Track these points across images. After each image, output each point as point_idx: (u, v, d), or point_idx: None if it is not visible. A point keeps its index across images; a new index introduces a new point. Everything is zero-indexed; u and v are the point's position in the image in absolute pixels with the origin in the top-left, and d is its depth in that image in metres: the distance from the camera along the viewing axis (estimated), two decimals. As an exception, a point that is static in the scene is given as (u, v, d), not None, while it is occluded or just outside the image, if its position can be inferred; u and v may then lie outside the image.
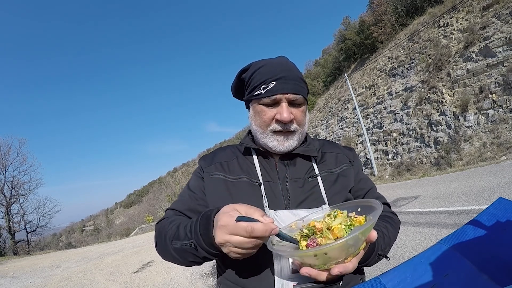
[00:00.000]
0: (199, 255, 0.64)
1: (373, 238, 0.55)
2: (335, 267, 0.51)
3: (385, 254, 0.71)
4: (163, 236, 0.72)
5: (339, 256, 0.51)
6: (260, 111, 0.76)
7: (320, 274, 0.53)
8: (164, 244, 0.71)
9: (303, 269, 0.54)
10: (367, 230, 0.51)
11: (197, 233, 0.62)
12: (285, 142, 0.76)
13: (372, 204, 0.58)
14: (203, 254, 0.63)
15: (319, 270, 0.53)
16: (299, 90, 0.76)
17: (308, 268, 0.54)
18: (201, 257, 0.65)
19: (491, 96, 10.75)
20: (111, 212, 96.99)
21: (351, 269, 0.53)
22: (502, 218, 0.56)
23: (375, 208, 0.55)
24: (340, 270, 0.51)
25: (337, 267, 0.51)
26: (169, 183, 69.44)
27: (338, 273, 0.51)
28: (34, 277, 7.58)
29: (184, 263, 0.71)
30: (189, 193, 0.82)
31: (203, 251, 0.62)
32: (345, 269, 0.52)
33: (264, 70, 0.76)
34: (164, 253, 0.73)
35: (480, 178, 6.92)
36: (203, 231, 0.61)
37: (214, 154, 0.88)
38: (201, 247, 0.62)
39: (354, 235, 0.48)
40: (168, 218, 0.78)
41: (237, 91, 0.88)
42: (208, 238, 0.60)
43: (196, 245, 0.63)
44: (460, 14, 13.78)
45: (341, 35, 28.48)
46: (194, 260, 0.67)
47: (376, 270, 3.01)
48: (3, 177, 19.42)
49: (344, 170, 0.82)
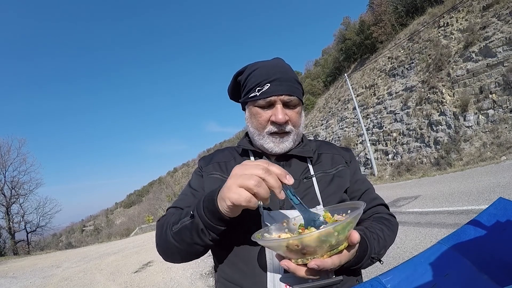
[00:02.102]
0: (196, 228, 0.62)
1: (354, 239, 0.55)
2: (312, 260, 0.51)
3: (379, 257, 0.70)
4: (164, 227, 0.71)
5: (314, 251, 0.51)
6: (256, 113, 0.77)
7: (298, 268, 0.53)
8: (165, 234, 0.69)
9: (283, 261, 0.54)
10: (343, 227, 0.51)
11: (199, 202, 0.62)
12: (281, 144, 0.77)
13: (357, 205, 0.58)
14: (200, 226, 0.61)
15: (298, 265, 0.53)
16: (294, 91, 0.76)
17: (287, 261, 0.54)
18: (199, 231, 0.62)
19: (491, 96, 10.75)
20: (111, 212, 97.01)
21: (330, 265, 0.53)
22: (502, 218, 0.56)
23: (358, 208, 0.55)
24: (317, 263, 0.51)
25: (314, 260, 0.51)
26: (169, 183, 69.51)
27: (315, 266, 0.51)
28: (34, 277, 7.58)
29: (182, 250, 0.68)
30: (191, 190, 0.83)
31: (200, 222, 0.61)
32: (322, 263, 0.51)
33: (259, 72, 0.77)
34: (164, 245, 0.71)
35: (480, 178, 6.92)
36: (206, 197, 0.62)
37: (213, 155, 0.90)
38: (199, 215, 0.61)
39: (327, 229, 0.49)
40: (169, 215, 0.78)
41: (233, 93, 0.89)
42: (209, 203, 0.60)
43: (194, 215, 0.62)
44: (460, 14, 13.79)
45: (341, 35, 28.49)
46: (192, 239, 0.64)
47: (376, 270, 3.01)
48: (3, 177, 19.48)
49: (340, 171, 0.82)
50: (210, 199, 0.60)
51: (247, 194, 0.53)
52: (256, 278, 0.67)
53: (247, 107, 0.82)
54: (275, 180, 0.53)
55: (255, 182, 0.52)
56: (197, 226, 0.62)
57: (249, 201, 0.53)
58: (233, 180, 0.55)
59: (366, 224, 0.76)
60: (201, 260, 6.07)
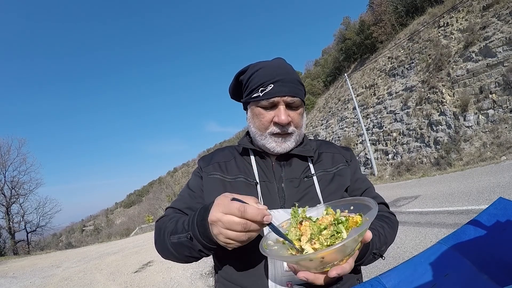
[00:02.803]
0: (194, 248, 0.64)
1: (368, 238, 0.54)
2: (333, 270, 0.51)
3: (381, 253, 0.71)
4: (162, 232, 0.73)
5: (335, 259, 0.51)
6: (259, 113, 0.77)
7: (317, 277, 0.53)
8: (163, 240, 0.72)
9: (300, 273, 0.53)
10: (364, 232, 0.51)
11: (193, 224, 0.64)
12: (283, 144, 0.77)
13: (366, 202, 0.57)
14: (198, 247, 0.64)
15: (316, 274, 0.53)
16: (297, 93, 0.77)
17: (305, 272, 0.53)
18: (197, 250, 0.65)
19: (491, 96, 10.75)
20: (111, 212, 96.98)
21: (348, 269, 0.53)
22: (502, 218, 0.56)
23: (370, 207, 0.54)
24: (338, 272, 0.51)
25: (335, 269, 0.51)
26: (169, 183, 69.47)
27: (336, 275, 0.51)
28: (34, 277, 7.58)
29: (181, 259, 0.71)
30: (189, 191, 0.84)
31: (198, 244, 0.63)
32: (343, 271, 0.51)
33: (262, 73, 0.76)
34: (162, 249, 0.74)
35: (480, 178, 6.92)
36: (199, 221, 0.62)
37: (213, 155, 0.90)
38: (196, 239, 0.63)
39: (352, 238, 0.48)
40: (168, 215, 0.79)
41: (235, 92, 0.89)
42: (203, 229, 0.61)
43: (192, 237, 0.63)
44: (460, 14, 13.79)
45: (341, 35, 28.48)
46: (190, 254, 0.67)
47: (376, 270, 3.01)
48: (3, 177, 19.47)
49: (341, 170, 0.82)
50: (202, 225, 0.61)
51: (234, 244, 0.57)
52: (257, 277, 0.67)
53: (249, 107, 0.82)
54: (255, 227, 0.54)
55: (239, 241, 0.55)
56: (195, 247, 0.64)
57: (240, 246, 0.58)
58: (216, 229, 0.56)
59: None
60: (201, 260, 6.06)
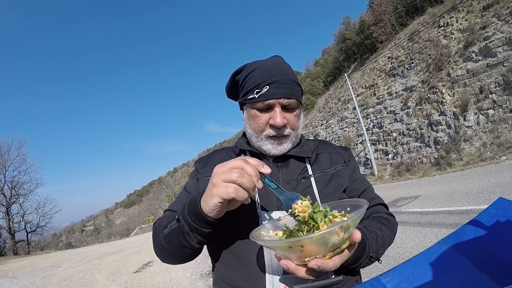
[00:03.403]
0: (182, 231, 0.63)
1: (356, 238, 0.54)
2: (312, 260, 0.50)
3: (378, 256, 0.69)
4: (157, 230, 0.73)
5: (316, 251, 0.50)
6: (254, 115, 0.76)
7: (298, 269, 0.52)
8: (157, 237, 0.72)
9: (282, 261, 0.53)
10: (347, 226, 0.50)
11: (184, 206, 0.64)
12: (279, 146, 0.77)
13: (359, 202, 0.57)
14: (185, 229, 0.62)
15: (298, 265, 0.52)
16: (293, 94, 0.75)
17: (287, 261, 0.53)
18: (185, 234, 0.63)
19: (491, 96, 10.75)
20: (111, 212, 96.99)
21: (331, 266, 0.52)
22: (502, 218, 0.56)
23: (361, 206, 0.54)
24: (317, 264, 0.50)
25: (315, 260, 0.50)
26: (169, 183, 69.51)
27: (315, 266, 0.50)
28: (34, 277, 7.58)
29: (174, 253, 0.70)
30: (186, 194, 0.84)
31: (185, 225, 0.62)
32: (323, 264, 0.50)
33: (258, 73, 0.75)
34: (158, 248, 0.73)
35: (480, 178, 6.92)
36: (190, 201, 0.63)
37: (210, 156, 0.89)
38: (183, 218, 0.62)
39: (332, 229, 0.47)
40: (164, 217, 0.79)
41: (231, 92, 0.88)
42: (192, 206, 0.61)
43: (179, 218, 0.63)
44: (460, 14, 13.79)
45: (341, 35, 28.49)
46: (179, 242, 0.65)
47: (376, 270, 3.01)
48: (3, 177, 19.49)
49: (339, 171, 0.81)
50: (193, 202, 0.61)
51: (233, 186, 0.54)
52: (255, 280, 0.67)
53: (245, 108, 0.81)
54: (252, 169, 0.56)
55: (237, 174, 0.54)
56: (182, 230, 0.63)
57: (237, 191, 0.54)
58: (216, 177, 0.56)
59: (365, 223, 0.75)
60: (201, 260, 6.07)
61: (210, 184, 0.58)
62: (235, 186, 0.54)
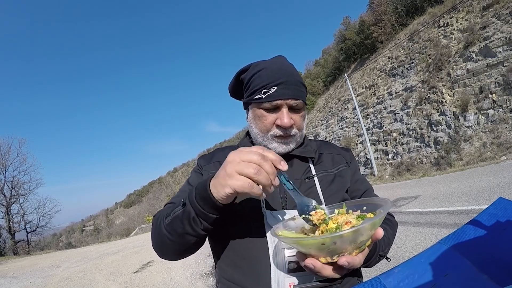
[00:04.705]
0: (187, 216, 0.60)
1: (379, 235, 0.54)
2: (343, 257, 0.50)
3: (385, 255, 0.72)
4: (158, 221, 0.69)
5: (347, 247, 0.50)
6: (261, 115, 0.76)
7: (324, 268, 0.51)
8: (158, 227, 0.68)
9: (308, 260, 0.52)
10: (377, 222, 0.50)
11: (191, 190, 0.61)
12: (285, 145, 0.77)
13: (378, 202, 0.58)
14: (191, 214, 0.59)
15: (323, 264, 0.52)
16: (300, 95, 0.76)
17: (314, 260, 0.52)
18: (190, 219, 0.60)
19: (491, 96, 10.75)
20: (111, 212, 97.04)
21: (358, 263, 0.52)
22: (502, 218, 0.56)
23: (382, 205, 0.55)
24: (348, 260, 0.49)
25: (345, 257, 0.50)
26: (169, 183, 69.56)
27: (346, 263, 0.49)
28: (34, 277, 7.59)
29: (175, 243, 0.65)
30: (189, 187, 0.82)
31: (191, 210, 0.59)
32: (353, 261, 0.50)
33: (265, 74, 0.75)
34: (157, 239, 0.69)
35: (480, 178, 6.92)
36: (199, 185, 0.60)
37: (213, 154, 0.89)
38: (190, 202, 0.59)
39: (366, 225, 0.48)
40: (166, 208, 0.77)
41: (235, 91, 0.88)
42: (201, 190, 0.58)
43: (185, 202, 0.60)
44: (460, 14, 13.79)
45: (341, 35, 28.50)
46: (184, 229, 0.61)
47: (376, 270, 3.01)
48: (3, 177, 19.51)
49: (341, 171, 0.82)
50: (202, 186, 0.59)
51: (249, 181, 0.52)
52: (259, 278, 0.67)
53: (250, 108, 0.81)
54: (270, 166, 0.53)
55: (255, 170, 0.52)
56: (188, 215, 0.60)
57: (252, 187, 0.52)
58: (231, 166, 0.53)
59: None
60: (201, 260, 6.08)
61: (223, 172, 0.54)
62: (250, 182, 0.52)
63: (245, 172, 0.52)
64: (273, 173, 0.53)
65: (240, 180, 0.52)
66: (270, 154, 0.54)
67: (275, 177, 0.54)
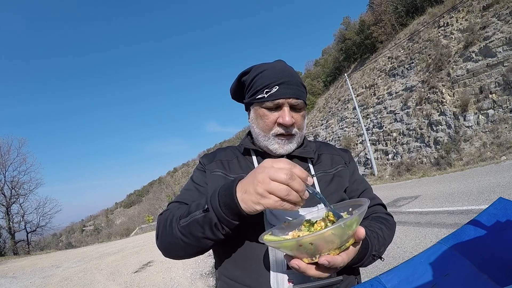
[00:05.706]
0: (209, 222, 0.60)
1: (360, 234, 0.55)
2: (322, 256, 0.52)
3: (380, 255, 0.71)
4: (168, 221, 0.68)
5: (325, 247, 0.52)
6: (263, 114, 0.78)
7: (309, 267, 0.53)
8: (170, 228, 0.67)
9: (293, 261, 0.54)
10: (351, 222, 0.51)
11: (215, 194, 0.61)
12: (286, 145, 0.79)
13: (361, 202, 0.59)
14: (213, 220, 0.60)
15: (308, 264, 0.53)
16: (300, 95, 0.78)
17: (298, 260, 0.54)
18: (212, 225, 0.60)
19: (491, 96, 10.75)
20: (111, 212, 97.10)
21: (340, 262, 0.53)
22: (502, 218, 0.56)
23: (362, 205, 0.56)
24: (327, 259, 0.51)
25: (325, 257, 0.51)
26: (169, 183, 69.54)
27: (326, 262, 0.51)
28: (34, 277, 7.58)
29: (189, 245, 0.66)
30: (195, 185, 0.82)
31: (214, 216, 0.59)
32: (333, 260, 0.52)
33: (267, 74, 0.78)
34: (168, 240, 0.69)
35: (480, 178, 6.92)
36: (223, 191, 0.60)
37: (215, 153, 0.90)
38: (213, 208, 0.60)
39: (338, 225, 0.49)
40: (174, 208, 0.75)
41: (236, 93, 0.90)
42: (226, 196, 0.58)
43: (208, 208, 0.60)
44: (460, 14, 13.79)
45: (341, 35, 28.51)
46: (203, 233, 0.62)
47: (376, 270, 3.01)
48: (3, 177, 19.46)
49: (340, 171, 0.84)
50: (228, 194, 0.59)
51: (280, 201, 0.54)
52: (259, 276, 0.68)
53: (252, 108, 0.83)
54: (300, 184, 0.54)
55: (285, 192, 0.53)
56: (210, 220, 0.60)
57: (283, 205, 0.54)
58: (262, 186, 0.54)
59: (365, 223, 0.77)
60: (201, 260, 6.07)
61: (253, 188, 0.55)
62: (280, 202, 0.53)
63: (277, 194, 0.53)
64: (302, 190, 0.54)
65: (271, 199, 0.54)
66: (298, 171, 0.54)
67: (304, 193, 0.55)
